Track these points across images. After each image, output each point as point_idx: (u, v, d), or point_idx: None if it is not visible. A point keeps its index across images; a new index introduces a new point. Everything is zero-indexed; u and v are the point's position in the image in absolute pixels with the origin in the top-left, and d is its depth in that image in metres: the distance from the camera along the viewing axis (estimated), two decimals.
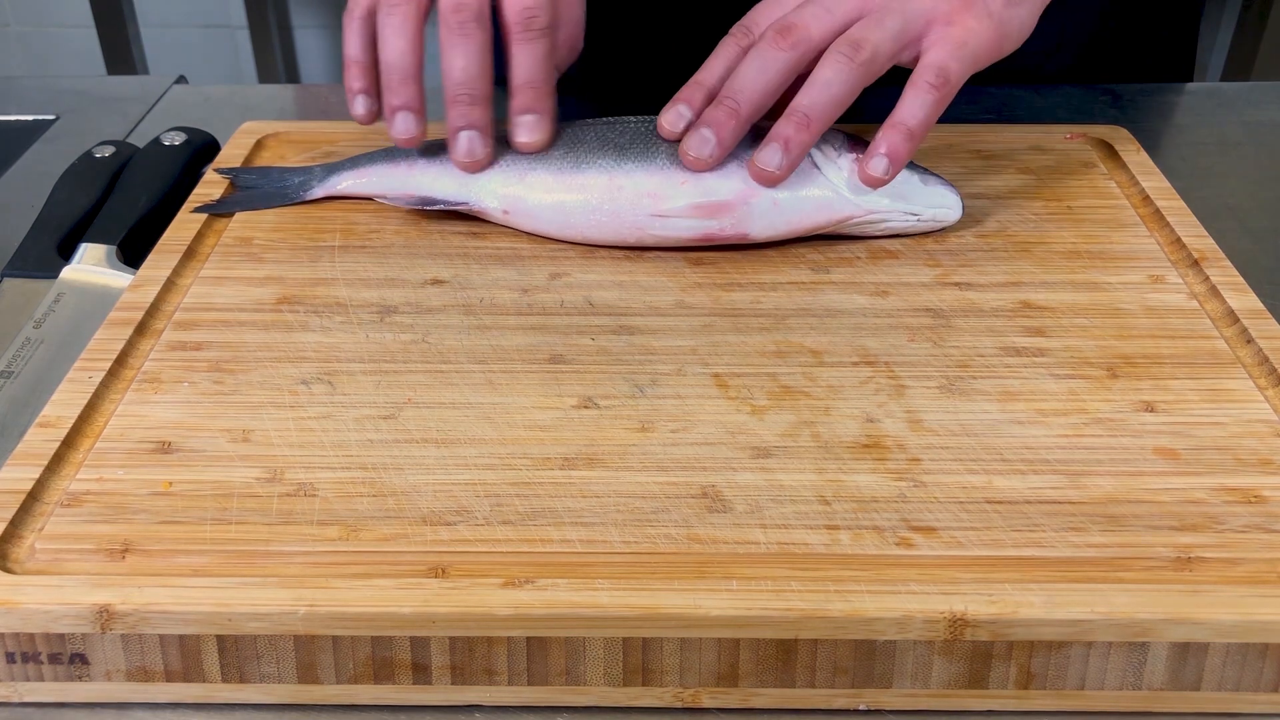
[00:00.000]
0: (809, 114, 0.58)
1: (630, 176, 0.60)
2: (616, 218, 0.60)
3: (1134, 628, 0.39)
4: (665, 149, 0.60)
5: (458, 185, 0.62)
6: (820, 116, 0.58)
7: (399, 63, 0.60)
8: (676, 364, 0.52)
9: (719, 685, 0.41)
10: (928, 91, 0.58)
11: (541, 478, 0.45)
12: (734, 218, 0.59)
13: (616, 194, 0.59)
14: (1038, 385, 0.51)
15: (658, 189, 0.59)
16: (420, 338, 0.54)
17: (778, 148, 0.58)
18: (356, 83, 0.62)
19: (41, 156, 0.78)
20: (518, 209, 0.61)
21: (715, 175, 0.59)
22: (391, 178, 0.63)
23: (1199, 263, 0.58)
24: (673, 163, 0.60)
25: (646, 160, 0.60)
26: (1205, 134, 0.81)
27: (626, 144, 0.61)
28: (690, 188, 0.59)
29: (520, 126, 0.61)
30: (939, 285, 0.58)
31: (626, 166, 0.60)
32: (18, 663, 0.40)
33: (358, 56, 0.62)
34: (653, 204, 0.59)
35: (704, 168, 0.59)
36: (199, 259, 0.60)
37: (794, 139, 0.58)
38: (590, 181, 0.60)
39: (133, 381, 0.51)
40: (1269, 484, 0.45)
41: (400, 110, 0.60)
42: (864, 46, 0.57)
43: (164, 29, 2.22)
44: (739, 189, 0.59)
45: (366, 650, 0.40)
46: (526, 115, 0.61)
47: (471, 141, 0.61)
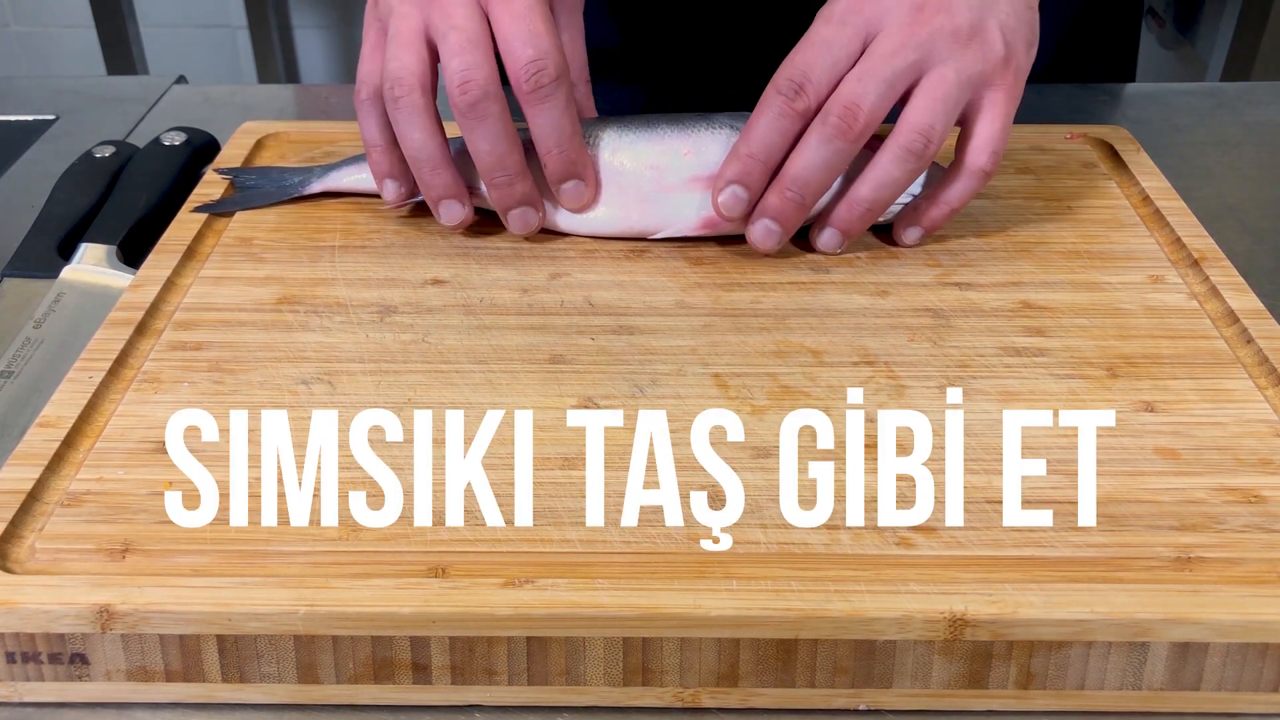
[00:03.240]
0: (872, 209, 0.58)
1: (633, 148, 0.60)
2: (620, 192, 0.60)
3: (1134, 628, 0.39)
4: (668, 123, 0.61)
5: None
6: (880, 210, 0.58)
7: (422, 155, 0.58)
8: (676, 364, 0.52)
9: (719, 685, 0.41)
10: (976, 179, 0.58)
11: (541, 478, 0.45)
12: None
13: (619, 169, 0.60)
14: (1038, 385, 0.51)
15: (660, 160, 0.60)
16: (420, 338, 0.54)
17: (837, 232, 0.59)
18: (381, 166, 0.61)
19: (41, 156, 0.78)
20: None
21: (719, 147, 0.59)
22: None
23: (1199, 263, 0.58)
24: (675, 134, 0.60)
25: (650, 133, 0.60)
26: (1205, 134, 0.81)
27: (628, 125, 0.61)
28: (693, 159, 0.60)
29: (566, 194, 0.60)
30: (939, 285, 0.58)
31: (629, 138, 0.60)
32: (18, 663, 0.40)
33: (376, 140, 0.60)
34: (655, 176, 0.60)
35: (770, 251, 0.59)
36: (199, 259, 0.60)
37: (853, 230, 0.59)
38: (594, 157, 0.60)
39: (133, 381, 0.51)
40: (1269, 484, 0.45)
41: (441, 200, 0.60)
42: (932, 140, 0.55)
43: (164, 29, 2.22)
44: None
45: (366, 650, 0.40)
46: (568, 182, 0.59)
47: (525, 216, 0.60)
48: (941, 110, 0.55)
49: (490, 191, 0.59)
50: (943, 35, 0.56)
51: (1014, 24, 0.57)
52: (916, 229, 0.60)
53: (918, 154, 0.56)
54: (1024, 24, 0.58)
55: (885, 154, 0.56)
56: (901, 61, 0.55)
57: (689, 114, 0.62)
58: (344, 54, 2.31)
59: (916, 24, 0.56)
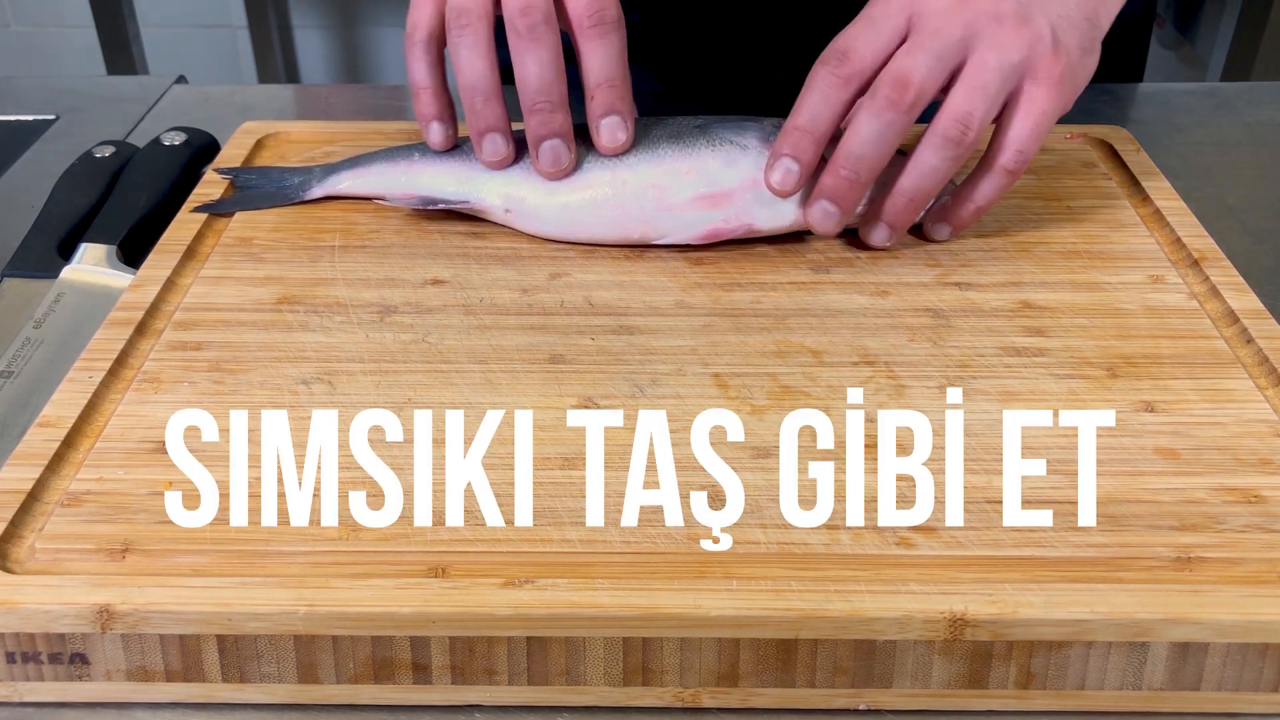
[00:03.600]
0: (914, 199, 0.58)
1: (634, 170, 0.60)
2: (622, 211, 0.60)
3: (1134, 628, 0.39)
4: (667, 139, 0.60)
5: (458, 184, 0.62)
6: (923, 200, 0.58)
7: (480, 84, 0.59)
8: (676, 364, 0.52)
9: (719, 685, 0.41)
10: (1000, 177, 0.58)
11: (541, 478, 0.45)
12: (738, 207, 0.59)
13: (621, 189, 0.60)
14: (1038, 385, 0.51)
15: (662, 180, 0.59)
16: (420, 338, 0.54)
17: (884, 226, 0.59)
18: (430, 108, 0.61)
19: (41, 156, 0.78)
20: (520, 209, 0.61)
21: (720, 163, 0.59)
22: (391, 177, 0.63)
23: (1199, 263, 0.58)
24: (676, 153, 0.60)
25: (649, 152, 0.60)
26: (1205, 134, 0.81)
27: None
28: (694, 177, 0.59)
29: (604, 129, 0.60)
30: (939, 285, 0.58)
31: (629, 159, 0.60)
32: (18, 663, 0.40)
33: (426, 82, 0.61)
34: (657, 195, 0.59)
35: (830, 234, 0.59)
36: (199, 259, 0.60)
37: (899, 222, 0.59)
38: (594, 178, 0.60)
39: (133, 381, 0.51)
40: (1269, 484, 0.45)
41: (489, 133, 0.60)
42: (971, 126, 0.55)
43: (164, 29, 2.22)
44: (743, 177, 0.59)
45: (367, 650, 0.40)
46: (610, 117, 0.59)
47: (556, 150, 0.59)
48: (981, 98, 0.55)
49: (530, 119, 0.59)
50: (986, 18, 0.56)
51: (1066, 25, 0.57)
52: (945, 226, 0.60)
53: (956, 141, 0.56)
54: (1078, 29, 0.58)
55: (925, 143, 0.57)
56: (948, 37, 0.55)
57: (688, 124, 0.61)
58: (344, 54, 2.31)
59: (961, 4, 0.56)
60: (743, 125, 0.61)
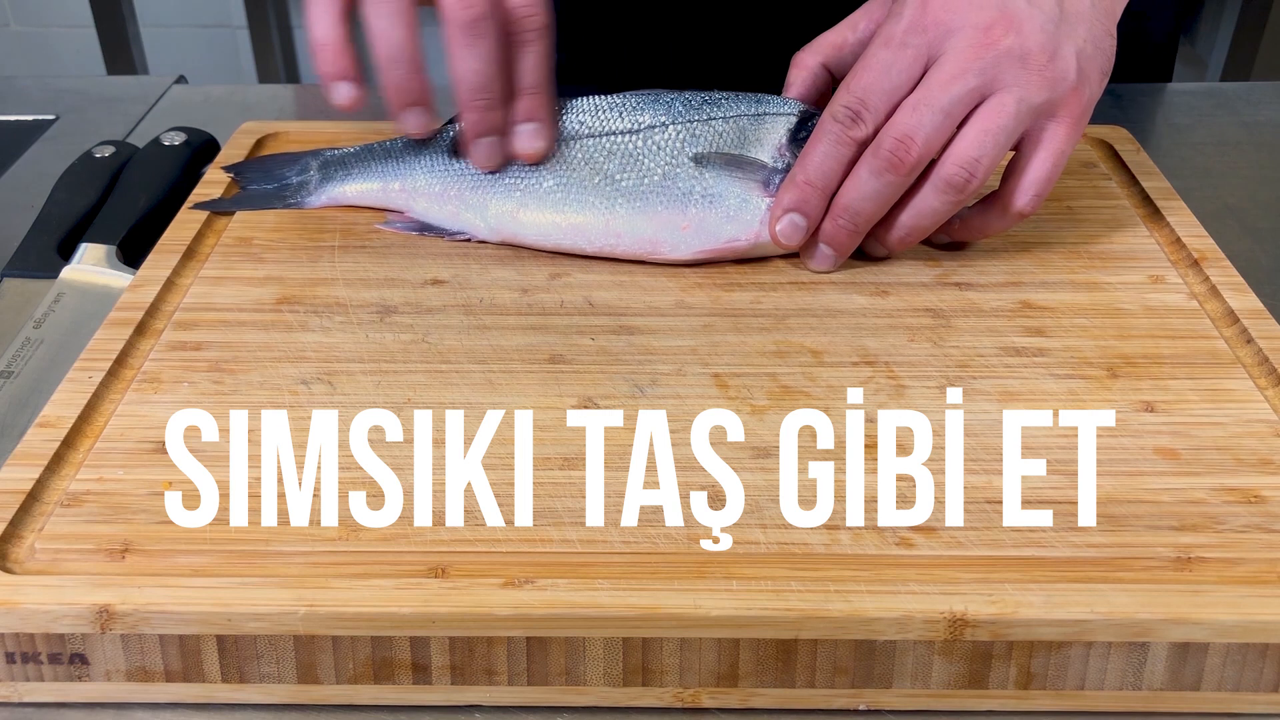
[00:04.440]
0: (910, 234, 0.57)
1: (629, 223, 0.59)
2: (617, 253, 0.59)
3: (1134, 628, 0.39)
4: (659, 186, 0.58)
5: (451, 217, 0.61)
6: (919, 235, 0.58)
7: (402, 54, 0.56)
8: (676, 364, 0.52)
9: (719, 685, 0.41)
10: (1012, 219, 0.58)
11: (541, 478, 0.45)
12: (739, 250, 0.59)
13: (615, 240, 0.59)
14: (1038, 385, 0.51)
15: (658, 235, 0.58)
16: (420, 338, 0.54)
17: (881, 246, 0.59)
18: (332, 66, 0.56)
19: (41, 156, 0.78)
20: (516, 241, 0.61)
21: (720, 219, 0.58)
22: (386, 198, 0.63)
23: (1199, 263, 0.58)
24: (669, 208, 0.58)
25: (643, 204, 0.58)
26: (1205, 134, 0.81)
27: (618, 172, 0.59)
28: (693, 234, 0.58)
29: (522, 135, 0.59)
30: (939, 285, 0.58)
31: (621, 212, 0.59)
32: (18, 663, 0.40)
33: (328, 38, 0.56)
34: (653, 249, 0.59)
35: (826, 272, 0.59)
36: (199, 259, 0.60)
37: (894, 249, 0.59)
38: (587, 223, 0.59)
39: (133, 381, 0.51)
40: (1269, 484, 0.45)
41: (413, 106, 0.58)
42: (976, 174, 0.54)
43: (164, 29, 2.22)
44: (746, 230, 0.58)
45: (366, 650, 0.40)
46: (529, 124, 0.59)
47: (492, 148, 0.59)
48: (992, 143, 0.54)
49: (467, 116, 0.58)
50: (1010, 59, 0.53)
51: (1091, 51, 0.55)
52: (945, 238, 0.60)
53: (958, 188, 0.55)
54: (1101, 52, 0.56)
55: (929, 185, 0.55)
56: (961, 88, 0.53)
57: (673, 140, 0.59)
58: None
59: (982, 46, 0.53)
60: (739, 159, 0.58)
